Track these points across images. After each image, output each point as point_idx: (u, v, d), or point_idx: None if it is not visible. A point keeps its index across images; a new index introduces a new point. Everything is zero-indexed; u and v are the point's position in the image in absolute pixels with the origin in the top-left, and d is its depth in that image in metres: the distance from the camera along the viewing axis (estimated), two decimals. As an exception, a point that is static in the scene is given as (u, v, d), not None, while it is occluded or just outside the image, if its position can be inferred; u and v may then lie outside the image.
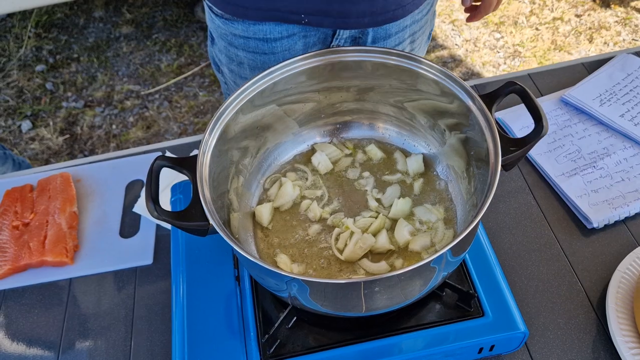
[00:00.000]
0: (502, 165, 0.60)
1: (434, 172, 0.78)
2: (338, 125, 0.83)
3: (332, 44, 0.93)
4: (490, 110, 0.64)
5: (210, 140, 0.66)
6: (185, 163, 0.64)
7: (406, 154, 0.81)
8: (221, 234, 0.57)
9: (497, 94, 0.66)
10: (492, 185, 0.58)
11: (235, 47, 0.94)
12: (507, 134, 0.70)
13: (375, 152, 0.81)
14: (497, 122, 0.65)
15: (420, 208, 0.74)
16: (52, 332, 0.82)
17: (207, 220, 0.59)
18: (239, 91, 0.69)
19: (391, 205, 0.75)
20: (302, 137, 0.82)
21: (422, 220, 0.73)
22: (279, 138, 0.80)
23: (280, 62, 0.71)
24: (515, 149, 0.62)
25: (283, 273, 0.54)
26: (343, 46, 0.92)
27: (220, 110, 0.67)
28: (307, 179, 0.79)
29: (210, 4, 0.92)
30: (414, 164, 0.78)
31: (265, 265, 0.55)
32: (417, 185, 0.77)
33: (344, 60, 0.72)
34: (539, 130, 0.62)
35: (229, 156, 0.71)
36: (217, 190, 0.67)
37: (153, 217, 0.59)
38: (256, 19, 0.88)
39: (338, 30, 0.91)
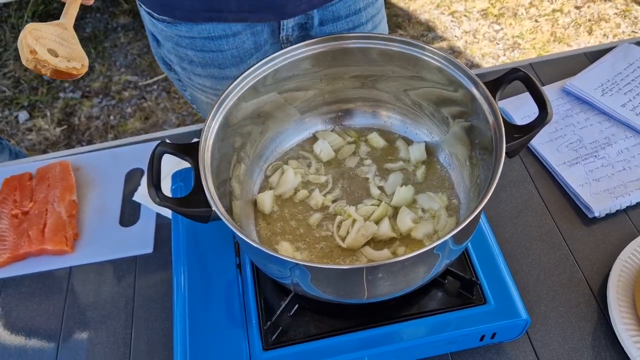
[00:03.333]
0: (506, 152, 0.60)
1: (437, 160, 0.78)
2: (340, 113, 0.82)
3: (281, 35, 0.93)
4: (494, 97, 0.64)
5: (212, 126, 0.65)
6: (187, 149, 0.64)
7: (408, 142, 0.80)
8: (224, 219, 0.57)
9: (500, 81, 0.66)
10: (496, 171, 0.58)
11: (183, 47, 0.93)
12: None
13: (377, 140, 0.80)
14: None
15: (423, 196, 0.74)
16: (52, 321, 0.81)
17: (210, 206, 0.59)
18: (241, 77, 0.68)
19: (393, 193, 0.74)
20: (304, 124, 0.81)
21: (424, 208, 0.73)
22: (281, 126, 0.79)
23: (282, 50, 0.70)
24: (519, 135, 0.62)
25: (287, 259, 0.54)
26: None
27: (222, 96, 0.67)
28: (310, 165, 0.79)
29: (148, 10, 0.91)
30: (416, 152, 0.78)
31: (268, 251, 0.54)
32: (420, 173, 0.77)
33: (346, 47, 0.71)
34: (543, 116, 0.61)
35: (231, 143, 0.70)
36: (219, 178, 0.66)
37: (155, 203, 0.59)
38: (195, 20, 0.87)
39: (282, 22, 0.90)
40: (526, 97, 1.01)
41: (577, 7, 2.59)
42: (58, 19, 0.59)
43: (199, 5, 0.85)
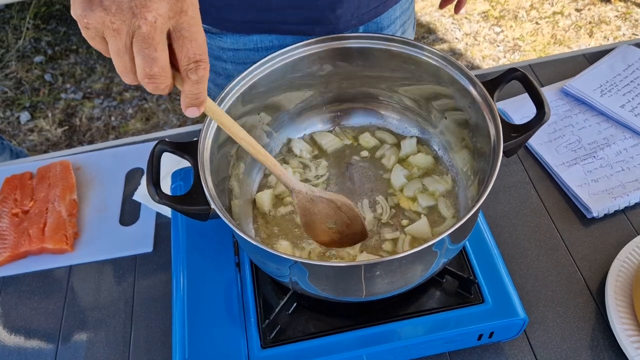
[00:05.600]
0: (503, 151, 0.60)
1: (437, 160, 0.78)
2: (339, 113, 0.82)
3: None
4: (492, 97, 0.64)
5: (211, 124, 0.66)
6: (187, 148, 0.64)
7: (407, 140, 0.81)
8: (222, 217, 0.57)
9: (498, 80, 0.66)
10: (493, 170, 0.58)
11: (223, 60, 0.91)
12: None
13: (368, 140, 0.81)
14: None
15: (429, 179, 0.76)
16: (52, 319, 0.82)
17: (209, 204, 0.59)
18: (240, 77, 0.69)
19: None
20: (303, 124, 0.82)
21: (429, 189, 0.75)
22: (280, 125, 0.80)
23: (281, 49, 0.71)
24: (517, 134, 0.62)
25: (285, 256, 0.54)
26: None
27: (222, 95, 0.67)
28: (303, 156, 0.80)
29: None
30: (408, 148, 0.79)
31: (267, 248, 0.55)
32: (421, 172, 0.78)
33: (346, 46, 0.72)
34: (540, 116, 0.62)
35: (230, 141, 0.71)
36: (218, 176, 0.67)
37: (154, 200, 0.59)
38: (246, 31, 0.85)
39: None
40: (525, 99, 1.01)
41: (577, 10, 2.60)
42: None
43: (253, 17, 0.83)
